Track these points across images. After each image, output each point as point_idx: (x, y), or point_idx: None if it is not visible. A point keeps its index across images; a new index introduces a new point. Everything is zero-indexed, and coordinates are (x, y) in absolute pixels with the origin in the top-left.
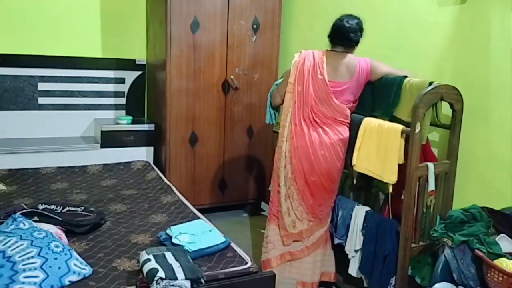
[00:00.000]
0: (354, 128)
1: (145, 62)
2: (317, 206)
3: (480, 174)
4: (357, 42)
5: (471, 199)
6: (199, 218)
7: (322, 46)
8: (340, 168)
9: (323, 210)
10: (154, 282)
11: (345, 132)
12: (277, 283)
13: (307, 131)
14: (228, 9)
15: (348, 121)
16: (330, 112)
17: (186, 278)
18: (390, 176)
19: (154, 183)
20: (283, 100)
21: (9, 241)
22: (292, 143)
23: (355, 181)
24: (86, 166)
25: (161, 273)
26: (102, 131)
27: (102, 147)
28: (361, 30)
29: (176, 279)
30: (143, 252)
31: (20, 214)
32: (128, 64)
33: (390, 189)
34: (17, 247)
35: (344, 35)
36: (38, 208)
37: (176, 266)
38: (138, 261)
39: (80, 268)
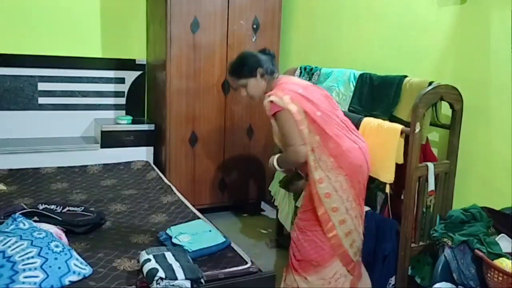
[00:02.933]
0: None
1: (145, 62)
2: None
3: (480, 174)
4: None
5: (471, 199)
6: (199, 218)
7: (322, 46)
8: None
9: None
10: (154, 282)
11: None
12: None
13: (348, 138)
14: (228, 9)
15: None
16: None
17: (186, 278)
18: (387, 176)
19: (154, 183)
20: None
21: (9, 241)
22: (340, 162)
23: None
24: (86, 166)
25: (161, 273)
26: (102, 131)
27: (102, 147)
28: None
29: (176, 279)
30: (143, 252)
31: (20, 214)
32: (128, 64)
33: (388, 189)
34: (17, 247)
35: (273, 55)
36: (38, 208)
37: (176, 266)
38: (138, 261)
39: (80, 268)
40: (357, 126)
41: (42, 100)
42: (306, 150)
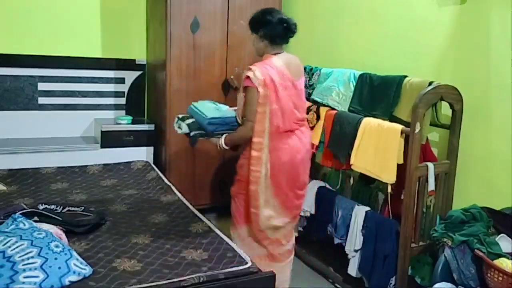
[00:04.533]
0: (352, 127)
1: (145, 62)
2: (300, 204)
3: (480, 174)
4: None
5: (471, 199)
6: (199, 218)
7: (322, 46)
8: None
9: (301, 204)
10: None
11: (308, 126)
12: None
13: (290, 141)
14: (228, 9)
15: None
16: (301, 114)
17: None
18: (388, 176)
19: (154, 183)
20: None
21: (9, 241)
22: (274, 161)
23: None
24: (86, 166)
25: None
26: (102, 131)
27: (102, 147)
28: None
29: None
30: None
31: (20, 214)
32: (128, 64)
33: (390, 189)
34: (17, 247)
35: (291, 35)
36: (38, 208)
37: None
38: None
39: (80, 268)
40: (357, 126)
41: (42, 100)
42: (257, 129)
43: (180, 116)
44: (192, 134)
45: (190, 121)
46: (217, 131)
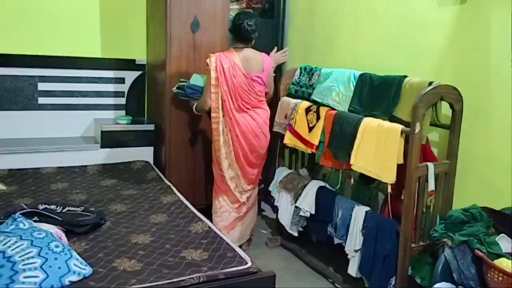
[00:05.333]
0: (352, 127)
1: (145, 62)
2: (256, 175)
3: (480, 174)
4: (254, 39)
5: (471, 199)
6: (199, 218)
7: (322, 46)
8: (269, 137)
9: (258, 175)
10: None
11: (267, 109)
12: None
13: (242, 119)
14: (228, 9)
15: (265, 101)
16: (254, 99)
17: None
18: (389, 176)
19: (154, 183)
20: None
21: (9, 241)
22: (231, 133)
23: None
24: (86, 166)
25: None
26: (102, 131)
27: (102, 147)
28: (259, 28)
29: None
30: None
31: (20, 214)
32: (128, 64)
33: (390, 189)
34: (17, 247)
35: (245, 36)
36: (38, 208)
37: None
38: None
39: (80, 268)
40: (357, 126)
41: (42, 100)
42: (210, 104)
43: (182, 79)
44: (175, 91)
45: (182, 84)
46: (192, 96)
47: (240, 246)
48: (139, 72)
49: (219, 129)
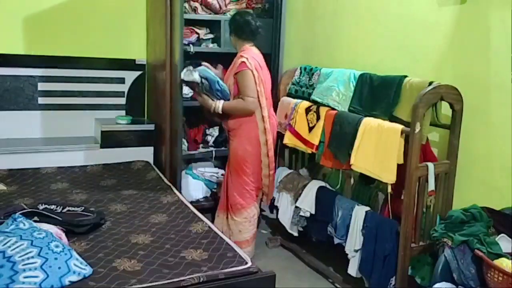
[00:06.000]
0: (352, 127)
1: (145, 62)
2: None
3: (480, 174)
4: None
5: (471, 199)
6: (199, 218)
7: (322, 46)
8: None
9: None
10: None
11: None
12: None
13: (272, 115)
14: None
15: None
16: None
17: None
18: (389, 176)
19: (154, 183)
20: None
21: (9, 241)
22: (272, 132)
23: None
24: (86, 166)
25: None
26: (102, 131)
27: (102, 147)
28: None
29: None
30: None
31: (20, 214)
32: (128, 64)
33: (390, 189)
34: (17, 247)
35: (254, 31)
36: (38, 208)
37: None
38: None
39: (80, 268)
40: (357, 126)
41: (42, 100)
42: (257, 104)
43: (191, 67)
44: (201, 82)
45: (200, 73)
46: (217, 94)
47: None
48: (139, 72)
49: (267, 128)
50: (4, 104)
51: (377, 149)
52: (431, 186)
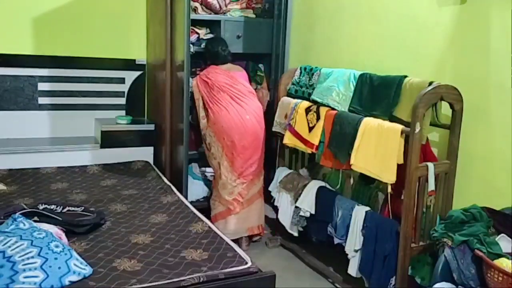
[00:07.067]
0: (352, 127)
1: (145, 62)
2: (249, 168)
3: (480, 174)
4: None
5: (471, 199)
6: (199, 218)
7: (322, 46)
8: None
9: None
10: None
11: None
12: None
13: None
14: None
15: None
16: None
17: None
18: (389, 176)
19: (154, 183)
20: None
21: (9, 241)
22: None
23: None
24: (86, 166)
25: None
26: (102, 131)
27: (102, 147)
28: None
29: None
30: None
31: (20, 214)
32: (128, 64)
33: (390, 189)
34: (17, 247)
35: (223, 59)
36: (38, 208)
37: None
38: None
39: (80, 268)
40: (357, 126)
41: (42, 100)
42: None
43: None
44: None
45: None
46: None
47: (240, 246)
48: (139, 72)
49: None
50: (4, 104)
51: (377, 149)
52: (431, 186)
